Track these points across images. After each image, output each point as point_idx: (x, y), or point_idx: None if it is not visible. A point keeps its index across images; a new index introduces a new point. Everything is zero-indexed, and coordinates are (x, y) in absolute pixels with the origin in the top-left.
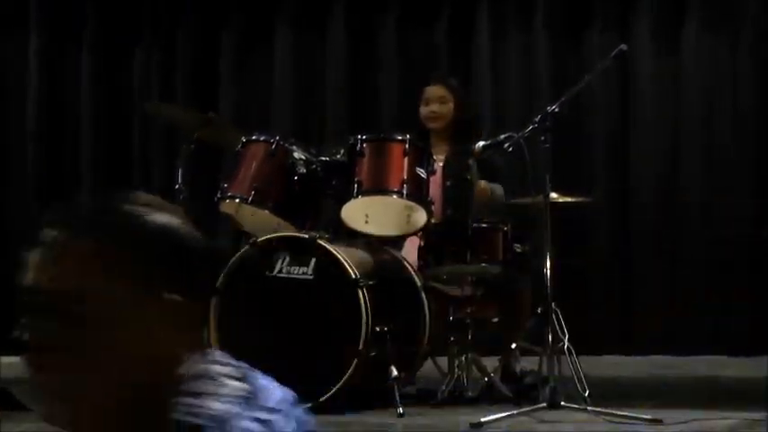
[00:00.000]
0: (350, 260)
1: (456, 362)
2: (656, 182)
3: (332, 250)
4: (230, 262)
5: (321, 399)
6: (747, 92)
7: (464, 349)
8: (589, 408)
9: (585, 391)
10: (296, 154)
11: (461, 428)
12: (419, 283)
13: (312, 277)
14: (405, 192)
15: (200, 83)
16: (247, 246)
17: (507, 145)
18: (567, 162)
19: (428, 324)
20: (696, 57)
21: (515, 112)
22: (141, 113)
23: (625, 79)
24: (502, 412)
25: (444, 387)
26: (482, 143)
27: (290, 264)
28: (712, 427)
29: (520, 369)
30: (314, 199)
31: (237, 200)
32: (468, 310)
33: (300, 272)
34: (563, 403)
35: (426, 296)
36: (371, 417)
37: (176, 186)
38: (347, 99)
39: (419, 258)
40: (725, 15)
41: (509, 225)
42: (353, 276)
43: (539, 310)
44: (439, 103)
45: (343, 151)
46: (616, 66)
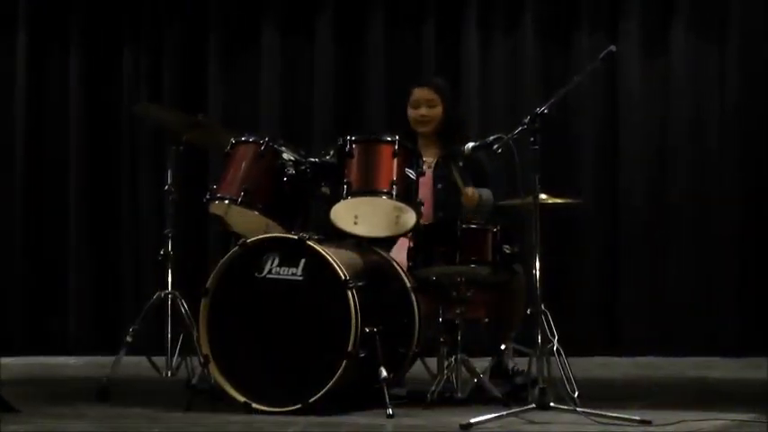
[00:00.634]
0: (339, 261)
1: (445, 363)
2: (645, 183)
3: (321, 251)
4: (220, 263)
5: (311, 400)
6: (735, 93)
7: (453, 350)
8: (578, 409)
9: (575, 393)
10: (285, 155)
11: (451, 429)
12: (409, 285)
13: (301, 278)
14: (394, 193)
15: (188, 84)
16: (237, 247)
17: (497, 146)
18: (556, 163)
19: (418, 325)
20: (684, 58)
21: (504, 114)
22: (130, 115)
23: (613, 80)
24: (491, 413)
25: (434, 388)
26: (471, 144)
27: (280, 265)
28: (701, 428)
29: (513, 366)
30: (303, 200)
31: (227, 201)
32: (457, 312)
33: (290, 273)
34: (552, 404)
35: (416, 297)
36: (361, 418)
37: (165, 188)
38: (335, 100)
39: (408, 259)
40: (712, 17)
41: (498, 226)
42: (343, 277)
43: (528, 312)
44: (427, 107)
45: (332, 152)
46: (605, 67)
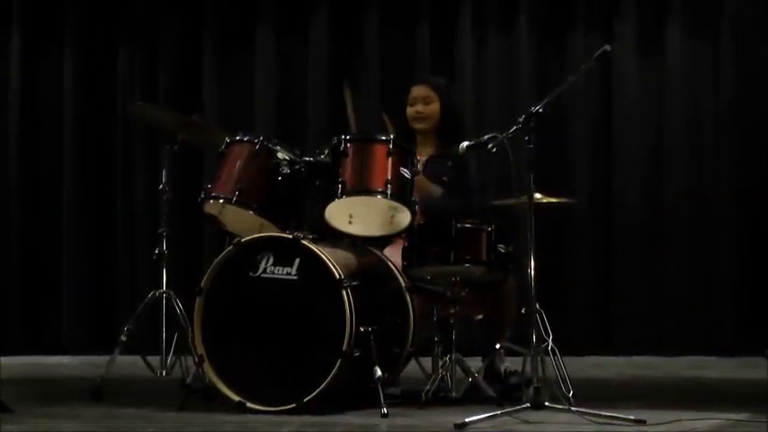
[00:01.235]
0: (334, 260)
1: (440, 362)
2: (640, 182)
3: (316, 251)
4: (214, 262)
5: (305, 399)
6: (729, 92)
7: (448, 350)
8: (573, 408)
9: (569, 392)
10: (280, 154)
11: (445, 429)
12: (403, 284)
13: (296, 278)
14: (389, 192)
15: (183, 84)
16: (231, 246)
17: (491, 145)
18: (551, 163)
19: (412, 325)
20: (678, 58)
21: (498, 113)
22: (124, 115)
23: (608, 80)
24: (486, 413)
25: (428, 387)
26: (466, 143)
27: (274, 264)
28: (696, 428)
29: (504, 369)
30: (298, 199)
31: (221, 200)
32: (452, 311)
33: (284, 272)
34: (547, 404)
35: (410, 297)
36: (355, 417)
37: (160, 187)
38: (329, 100)
39: (403, 259)
40: (707, 16)
41: (493, 225)
42: (338, 277)
43: (523, 311)
44: (423, 104)
45: (327, 151)
46: (599, 67)
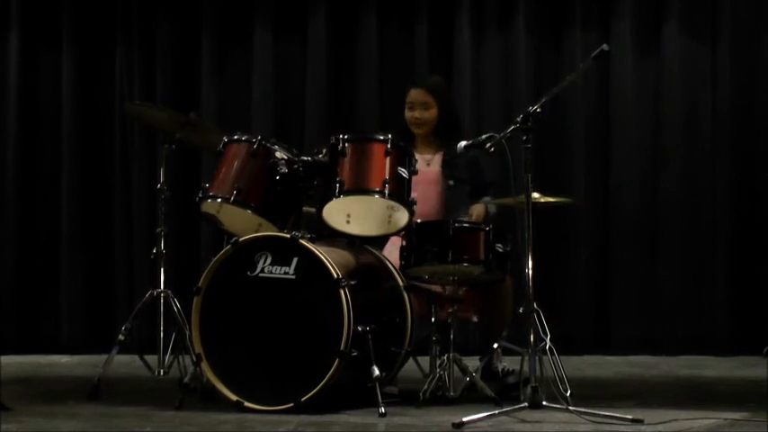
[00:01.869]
0: (332, 260)
1: (438, 362)
2: (637, 182)
3: (314, 250)
4: (212, 262)
5: (303, 399)
6: (727, 92)
7: (446, 349)
8: (570, 408)
9: (567, 391)
10: (278, 154)
11: (443, 428)
12: (401, 283)
13: (294, 277)
14: (386, 191)
15: (180, 83)
16: (229, 246)
17: (489, 145)
18: (549, 162)
19: (410, 324)
20: (676, 57)
21: (496, 113)
22: (122, 114)
23: (606, 80)
24: (483, 412)
25: (426, 387)
26: (463, 143)
27: (272, 264)
28: (693, 427)
29: (502, 368)
30: (296, 199)
31: (219, 200)
32: (449, 311)
33: (282, 272)
34: (545, 403)
35: (408, 296)
36: (353, 417)
37: (158, 186)
38: (327, 99)
39: (401, 258)
40: (704, 16)
41: (491, 225)
42: (335, 276)
43: (520, 311)
44: (422, 109)
45: (324, 151)
46: (597, 67)
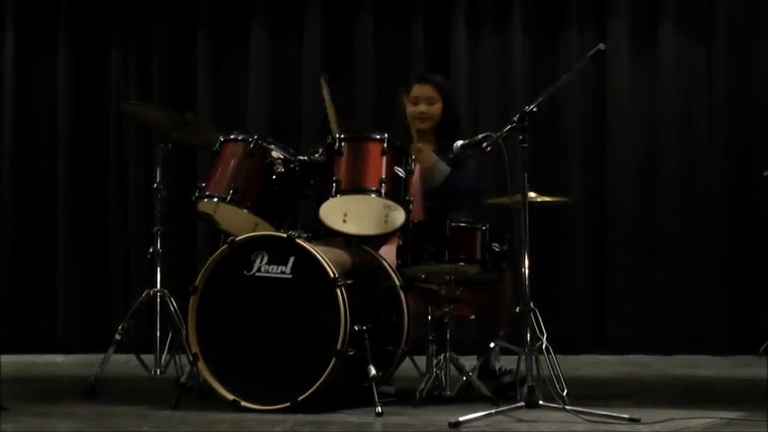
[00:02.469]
0: (328, 259)
1: (434, 361)
2: (633, 182)
3: (310, 249)
4: (209, 261)
5: (299, 398)
6: (723, 92)
7: (443, 348)
8: (567, 407)
9: (564, 391)
10: (274, 153)
11: (440, 428)
12: (398, 283)
13: (290, 276)
14: (383, 191)
15: (176, 83)
16: (225, 245)
17: (485, 144)
18: (545, 162)
19: (407, 323)
20: (672, 57)
21: (492, 112)
22: (118, 113)
23: (602, 80)
24: (480, 411)
25: (423, 386)
26: (460, 142)
27: (269, 263)
28: (689, 426)
29: (499, 367)
30: (292, 198)
31: (216, 199)
32: (446, 310)
33: (279, 271)
34: (541, 402)
35: (405, 295)
36: (350, 416)
37: (154, 186)
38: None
39: (397, 257)
40: (700, 15)
41: (487, 224)
42: (332, 275)
43: (517, 310)
44: (427, 104)
45: (321, 150)
46: (593, 66)
